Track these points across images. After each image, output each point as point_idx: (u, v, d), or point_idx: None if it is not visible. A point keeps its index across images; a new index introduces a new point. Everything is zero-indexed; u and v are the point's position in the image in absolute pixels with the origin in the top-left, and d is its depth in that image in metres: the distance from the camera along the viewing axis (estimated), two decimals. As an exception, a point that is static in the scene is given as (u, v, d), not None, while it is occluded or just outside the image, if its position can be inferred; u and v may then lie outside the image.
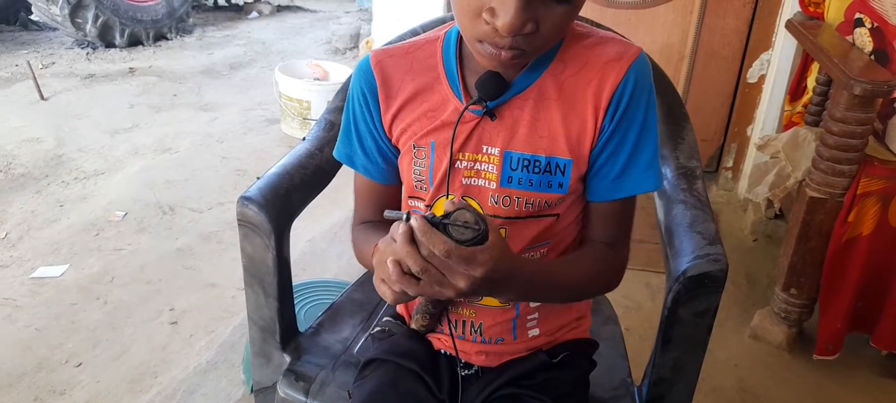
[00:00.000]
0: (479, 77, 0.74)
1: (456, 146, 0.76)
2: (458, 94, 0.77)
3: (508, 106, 0.75)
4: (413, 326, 0.88)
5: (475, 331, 0.85)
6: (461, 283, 0.64)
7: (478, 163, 0.77)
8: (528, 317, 0.85)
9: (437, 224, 0.63)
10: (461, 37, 0.77)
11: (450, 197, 0.78)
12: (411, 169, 0.81)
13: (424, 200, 0.81)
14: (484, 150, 0.76)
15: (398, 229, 0.65)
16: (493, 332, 0.85)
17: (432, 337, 0.90)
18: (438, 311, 0.83)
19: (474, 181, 0.77)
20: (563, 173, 0.75)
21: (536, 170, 0.75)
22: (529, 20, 0.64)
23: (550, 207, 0.77)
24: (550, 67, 0.74)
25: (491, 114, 0.75)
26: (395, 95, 0.80)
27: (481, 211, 0.70)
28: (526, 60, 0.72)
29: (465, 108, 0.75)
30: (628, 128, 0.74)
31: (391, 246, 0.66)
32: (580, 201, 0.81)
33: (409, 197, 0.84)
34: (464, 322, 0.85)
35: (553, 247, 0.81)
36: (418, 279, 0.65)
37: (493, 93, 0.74)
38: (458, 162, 0.77)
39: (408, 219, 0.63)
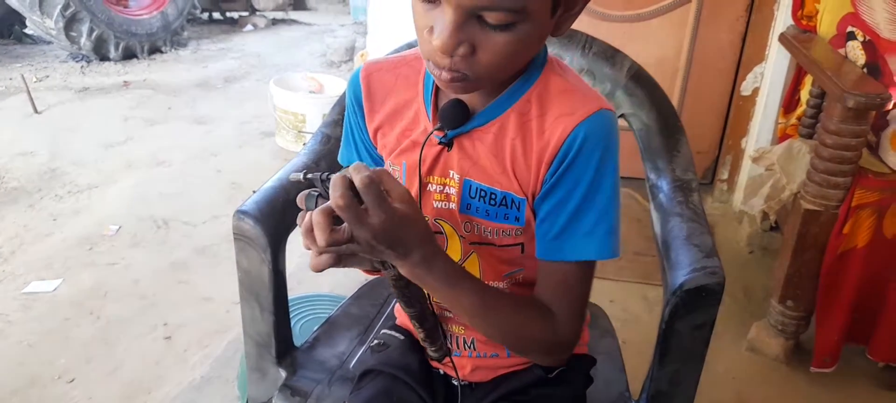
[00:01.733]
0: (444, 104, 0.73)
1: (424, 169, 0.76)
2: (430, 116, 0.76)
3: (469, 136, 0.74)
4: (430, 355, 0.87)
5: (468, 346, 0.85)
6: (363, 233, 0.60)
7: (446, 187, 0.76)
8: None
9: (317, 179, 0.62)
10: None
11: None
12: None
13: None
14: (450, 174, 0.76)
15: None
16: (486, 347, 0.84)
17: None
18: (429, 327, 0.82)
19: (445, 204, 0.77)
20: (518, 209, 0.74)
21: (493, 201, 0.74)
22: (463, 43, 0.62)
23: (511, 236, 0.76)
24: (517, 104, 0.72)
25: (448, 143, 0.74)
26: (378, 109, 0.81)
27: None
28: (472, 85, 0.67)
29: (430, 134, 0.74)
30: (573, 188, 0.69)
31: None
32: None
33: None
34: (456, 337, 0.85)
35: (527, 276, 0.79)
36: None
37: (452, 122, 0.73)
38: (429, 184, 0.77)
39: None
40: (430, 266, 0.66)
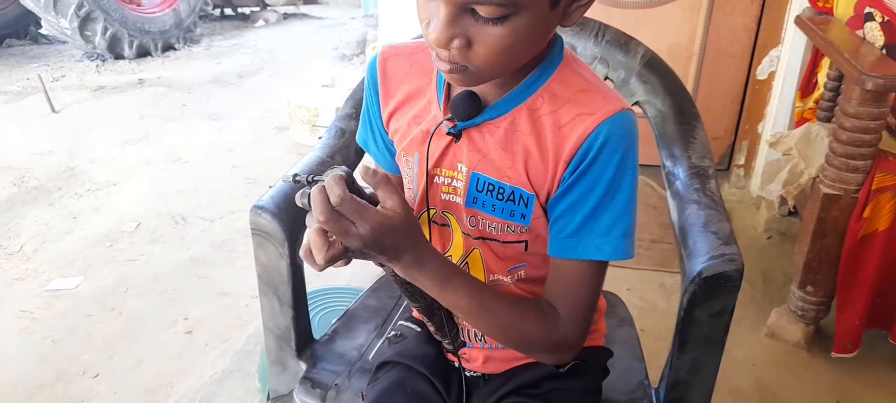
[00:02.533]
0: (455, 96, 0.73)
1: (432, 162, 0.76)
2: (441, 106, 0.76)
3: (480, 129, 0.73)
4: (446, 348, 0.88)
5: (479, 339, 0.85)
6: (353, 241, 0.61)
7: (454, 180, 0.76)
8: None
9: (307, 181, 0.63)
10: None
11: (431, 211, 0.78)
12: (403, 176, 0.82)
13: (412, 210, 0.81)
14: (457, 168, 0.75)
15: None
16: None
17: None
18: (438, 321, 0.82)
19: (452, 197, 0.77)
20: (526, 205, 0.73)
21: (500, 196, 0.73)
22: (458, 36, 0.62)
23: (515, 233, 0.75)
24: (530, 100, 0.71)
25: (457, 135, 0.74)
26: (391, 95, 0.81)
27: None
28: (475, 77, 0.67)
29: (438, 125, 0.74)
30: (592, 187, 0.68)
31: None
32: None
33: None
34: (466, 329, 0.85)
35: (530, 273, 0.79)
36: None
37: (463, 114, 0.72)
38: (437, 177, 0.77)
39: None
40: (421, 266, 0.67)
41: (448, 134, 0.74)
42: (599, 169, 0.67)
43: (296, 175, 0.63)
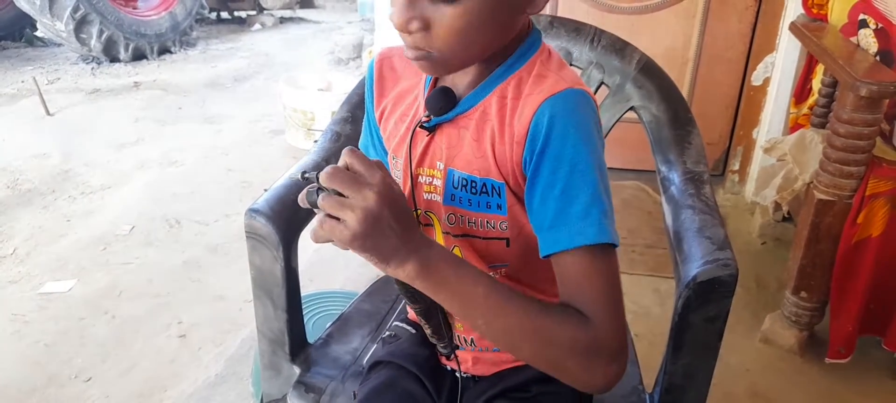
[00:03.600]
0: (431, 92, 0.74)
1: (415, 162, 0.76)
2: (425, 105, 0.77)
3: (455, 124, 0.74)
4: (440, 351, 0.88)
5: (468, 344, 0.86)
6: (357, 202, 0.58)
7: (434, 179, 0.76)
8: None
9: (316, 179, 0.62)
10: None
11: (417, 212, 0.78)
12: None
13: None
14: (436, 166, 0.76)
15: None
16: (486, 343, 0.85)
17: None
18: (435, 324, 0.82)
19: (432, 196, 0.77)
20: (498, 195, 0.73)
21: (474, 190, 0.74)
22: (414, 19, 0.64)
23: (496, 229, 0.75)
24: (498, 89, 0.72)
25: (431, 130, 0.75)
26: (386, 94, 0.82)
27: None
28: (440, 64, 0.68)
29: (418, 123, 0.75)
30: (554, 168, 0.66)
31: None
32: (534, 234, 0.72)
33: None
34: (456, 334, 0.85)
35: (512, 273, 0.78)
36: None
37: (436, 108, 0.73)
38: (420, 176, 0.77)
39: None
40: (430, 243, 0.65)
41: (422, 127, 0.75)
42: (555, 147, 0.66)
43: (305, 172, 0.63)
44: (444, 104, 0.73)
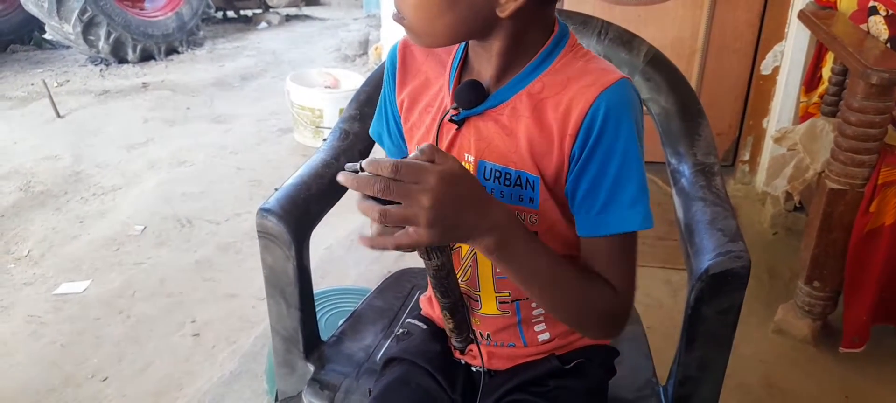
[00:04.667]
0: (460, 85, 0.75)
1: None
2: (451, 97, 0.77)
3: (483, 117, 0.74)
4: (455, 345, 0.88)
5: (484, 338, 0.86)
6: (422, 199, 0.59)
7: None
8: (534, 321, 0.84)
9: (360, 169, 0.62)
10: None
11: None
12: None
13: None
14: (465, 158, 0.76)
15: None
16: (501, 338, 0.85)
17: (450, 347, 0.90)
18: (459, 319, 0.82)
19: None
20: (532, 189, 0.74)
21: (507, 182, 0.74)
22: None
23: (526, 222, 0.76)
24: (529, 85, 0.73)
25: (460, 123, 0.75)
26: (408, 82, 0.83)
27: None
28: (413, 36, 0.73)
29: (446, 113, 0.76)
30: (606, 160, 0.69)
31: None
32: (563, 225, 0.76)
33: None
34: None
35: None
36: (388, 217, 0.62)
37: (466, 102, 0.74)
38: None
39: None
40: (511, 218, 0.67)
41: (451, 121, 0.76)
42: (609, 139, 0.69)
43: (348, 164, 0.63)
44: (473, 98, 0.74)
